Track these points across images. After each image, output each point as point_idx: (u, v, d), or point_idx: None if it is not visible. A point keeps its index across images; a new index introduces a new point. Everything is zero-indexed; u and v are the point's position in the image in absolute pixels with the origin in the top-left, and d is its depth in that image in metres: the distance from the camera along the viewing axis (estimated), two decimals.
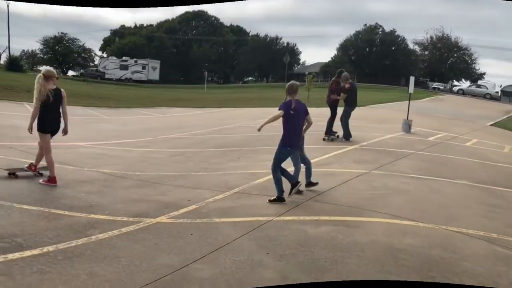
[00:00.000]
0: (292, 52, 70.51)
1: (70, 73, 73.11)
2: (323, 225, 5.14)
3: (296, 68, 73.92)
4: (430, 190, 7.05)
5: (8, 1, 53.47)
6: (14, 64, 48.66)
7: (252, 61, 70.11)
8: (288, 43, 74.19)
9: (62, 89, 6.78)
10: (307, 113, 6.38)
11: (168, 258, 4.21)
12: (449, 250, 4.56)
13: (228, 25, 78.24)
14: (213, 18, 77.00)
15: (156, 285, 3.63)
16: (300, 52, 76.41)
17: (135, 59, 56.23)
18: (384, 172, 7.99)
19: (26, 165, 6.97)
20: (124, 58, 56.81)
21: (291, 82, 6.39)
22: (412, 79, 15.02)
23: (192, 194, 6.58)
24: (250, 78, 78.51)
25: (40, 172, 6.88)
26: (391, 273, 3.96)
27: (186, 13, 76.08)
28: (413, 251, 4.45)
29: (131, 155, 10.26)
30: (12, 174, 6.76)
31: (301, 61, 77.68)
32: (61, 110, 6.79)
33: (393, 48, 64.74)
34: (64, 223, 4.92)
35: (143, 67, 54.04)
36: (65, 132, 6.88)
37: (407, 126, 13.74)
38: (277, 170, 6.20)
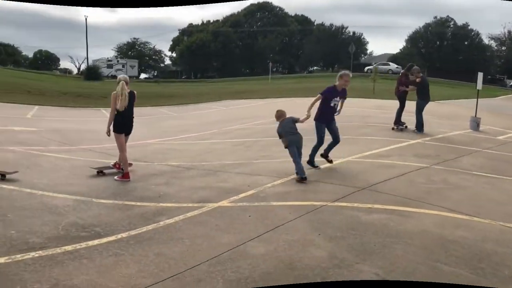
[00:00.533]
0: (358, 42, 69.13)
1: (142, 75, 76.97)
2: (376, 213, 5.30)
3: (362, 59, 72.30)
4: (492, 187, 6.87)
5: (86, 15, 58.46)
6: (91, 72, 51.98)
7: (317, 50, 69.32)
8: (354, 33, 72.64)
9: (134, 91, 7.45)
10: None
11: (227, 237, 4.62)
12: (504, 245, 4.53)
13: (293, 15, 77.99)
14: (277, 9, 77.12)
15: (215, 261, 4.04)
16: (367, 42, 74.79)
17: (118, 59, 63.70)
18: (445, 168, 7.89)
19: (112, 163, 7.71)
20: (109, 58, 63.68)
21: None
22: (480, 75, 14.37)
23: (252, 180, 7.01)
24: (315, 67, 77.55)
25: (123, 168, 7.51)
26: (439, 261, 4.07)
27: (251, 5, 76.91)
28: (464, 243, 4.50)
29: (196, 147, 10.88)
30: (100, 172, 7.48)
31: (368, 52, 76.07)
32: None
33: (466, 42, 61.17)
34: (135, 213, 5.44)
35: (123, 66, 60.57)
36: None
37: (475, 124, 13.21)
38: None
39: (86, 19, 72.01)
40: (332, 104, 7.58)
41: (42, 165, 7.82)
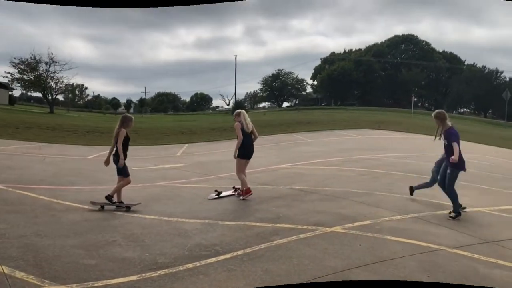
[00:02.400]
0: None
1: (285, 104, 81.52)
2: (499, 269, 4.89)
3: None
4: None
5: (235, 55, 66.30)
6: (238, 107, 56.29)
7: (467, 92, 65.51)
8: (511, 79, 66.77)
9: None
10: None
11: (333, 261, 4.78)
12: None
13: (440, 51, 74.90)
14: (423, 43, 75.09)
15: (317, 281, 4.21)
16: None
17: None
18: None
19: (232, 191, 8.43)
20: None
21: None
22: None
23: (370, 210, 7.03)
24: (465, 109, 72.94)
25: (243, 189, 8.19)
26: None
27: (395, 36, 76.37)
28: None
29: (323, 173, 11.18)
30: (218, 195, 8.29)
31: None
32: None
33: None
34: (253, 232, 5.90)
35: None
36: None
37: None
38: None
39: (235, 58, 79.53)
40: None
41: (182, 196, 8.71)
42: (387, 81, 71.66)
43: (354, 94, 75.01)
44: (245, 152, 8.19)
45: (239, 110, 8.45)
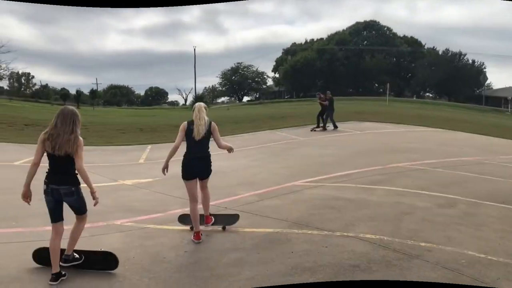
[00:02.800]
0: (479, 72, 62.98)
1: (245, 98, 78.84)
2: None
3: (483, 90, 65.57)
4: None
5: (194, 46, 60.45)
6: (198, 101, 52.84)
7: (429, 76, 64.49)
8: (474, 61, 66.03)
9: (213, 122, 6.16)
10: None
11: None
12: None
13: (402, 35, 73.89)
14: (385, 28, 73.92)
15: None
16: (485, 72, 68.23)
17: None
18: None
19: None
20: None
21: None
22: None
23: None
24: (428, 94, 72.62)
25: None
26: None
27: (357, 23, 74.77)
28: None
29: (385, 200, 7.49)
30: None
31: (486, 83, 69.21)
32: None
33: None
34: None
35: None
36: None
37: None
38: None
39: (194, 49, 73.60)
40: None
41: (162, 254, 5.06)
42: (351, 69, 69.65)
43: (317, 85, 72.76)
44: (187, 167, 5.92)
45: (196, 104, 6.32)
